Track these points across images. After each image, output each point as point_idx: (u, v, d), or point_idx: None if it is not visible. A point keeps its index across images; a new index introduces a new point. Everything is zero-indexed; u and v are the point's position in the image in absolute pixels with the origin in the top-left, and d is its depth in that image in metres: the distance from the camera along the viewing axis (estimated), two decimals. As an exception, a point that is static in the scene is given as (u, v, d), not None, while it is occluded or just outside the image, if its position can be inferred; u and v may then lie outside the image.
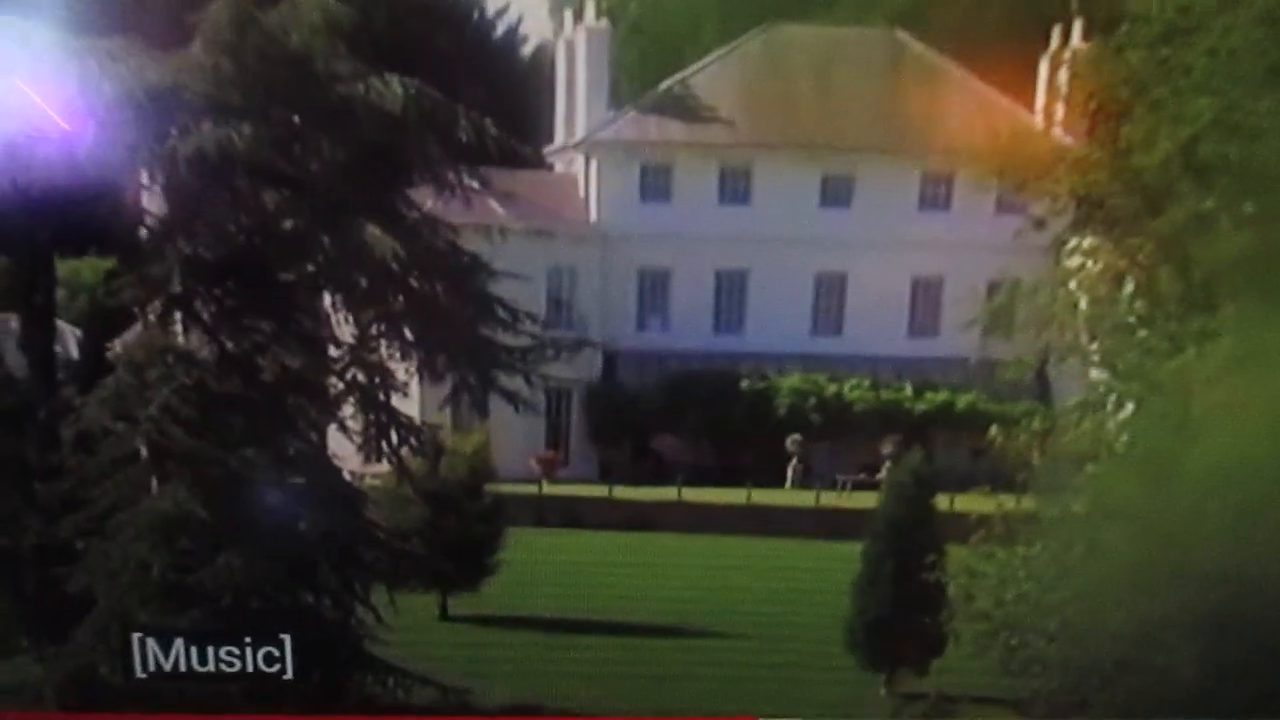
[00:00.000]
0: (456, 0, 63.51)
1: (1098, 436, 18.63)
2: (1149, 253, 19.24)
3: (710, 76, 47.35)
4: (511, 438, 37.81)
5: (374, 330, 24.09)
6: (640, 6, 71.25)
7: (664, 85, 47.74)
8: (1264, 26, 18.21)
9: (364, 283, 23.50)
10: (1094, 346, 19.93)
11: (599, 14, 47.64)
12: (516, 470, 38.64)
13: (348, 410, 24.12)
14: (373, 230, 22.46)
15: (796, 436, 43.44)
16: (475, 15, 65.34)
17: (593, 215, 45.58)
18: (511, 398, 24.73)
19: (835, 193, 45.77)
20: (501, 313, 24.43)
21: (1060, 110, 24.27)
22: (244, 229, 22.98)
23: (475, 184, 24.49)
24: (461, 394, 24.64)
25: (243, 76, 22.37)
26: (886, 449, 40.64)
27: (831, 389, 44.23)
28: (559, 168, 49.05)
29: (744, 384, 44.13)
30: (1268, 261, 16.19)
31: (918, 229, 45.11)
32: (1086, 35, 37.72)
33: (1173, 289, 18.50)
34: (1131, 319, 19.35)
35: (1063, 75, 27.49)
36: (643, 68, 63.63)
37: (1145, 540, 15.43)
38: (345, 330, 24.39)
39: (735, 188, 45.84)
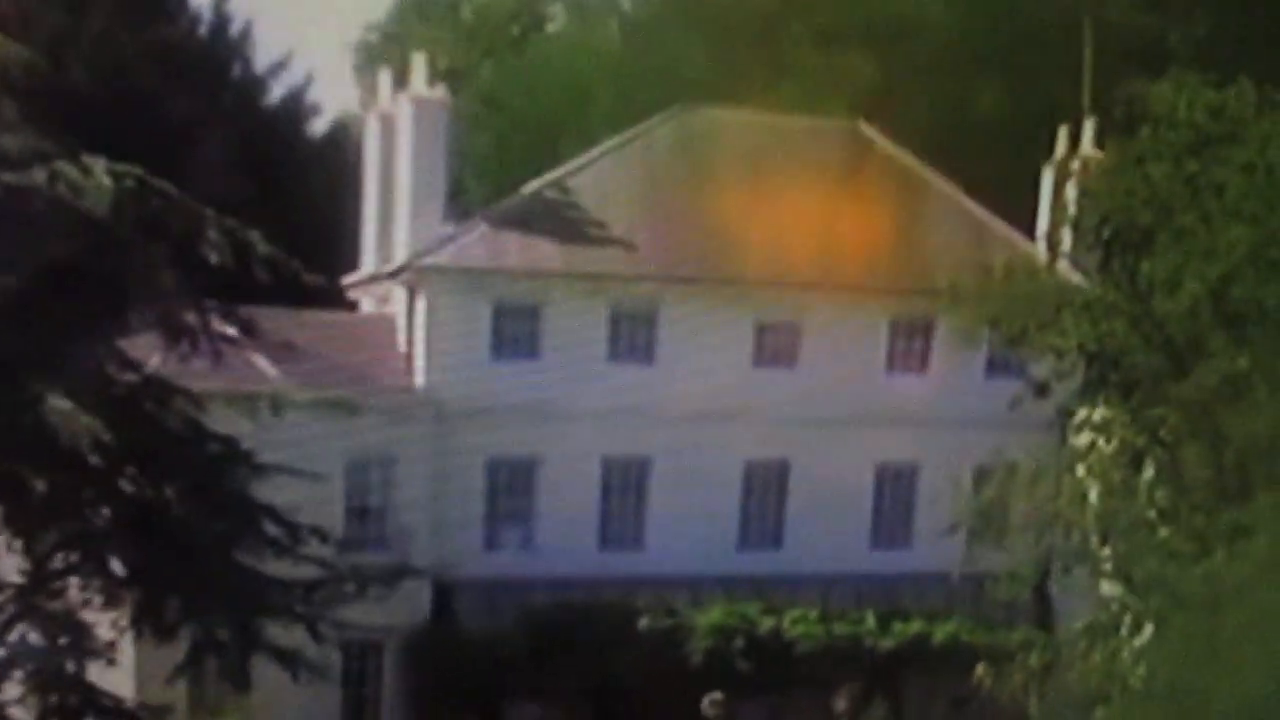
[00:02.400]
0: (205, 45, 61.19)
1: (1110, 669, 21.31)
2: (1173, 425, 22.02)
3: (600, 176, 48.65)
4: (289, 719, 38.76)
5: (58, 561, 23.29)
6: (498, 71, 71.17)
7: (531, 187, 48.79)
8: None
9: (40, 486, 22.37)
10: (1106, 551, 22.61)
11: (433, 78, 46.37)
12: (298, 769, 39.86)
13: (11, 690, 23.20)
14: (56, 401, 21.39)
15: (716, 695, 44.62)
16: (236, 69, 62.91)
17: (419, 378, 45.76)
18: (287, 660, 24.36)
19: (774, 347, 47.57)
20: (272, 528, 24.13)
21: (1068, 237, 26.97)
22: None
23: (231, 329, 24.15)
24: (204, 657, 23.93)
25: None
26: (840, 704, 42.70)
27: (766, 624, 45.80)
28: (366, 306, 50.09)
29: (643, 622, 45.32)
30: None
31: (884, 398, 47.29)
32: (1100, 141, 40.69)
33: (1201, 473, 21.27)
34: (1152, 513, 22.12)
35: (1070, 191, 30.46)
36: (500, 160, 64.31)
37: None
38: (8, 563, 23.58)
39: (634, 339, 46.95)
